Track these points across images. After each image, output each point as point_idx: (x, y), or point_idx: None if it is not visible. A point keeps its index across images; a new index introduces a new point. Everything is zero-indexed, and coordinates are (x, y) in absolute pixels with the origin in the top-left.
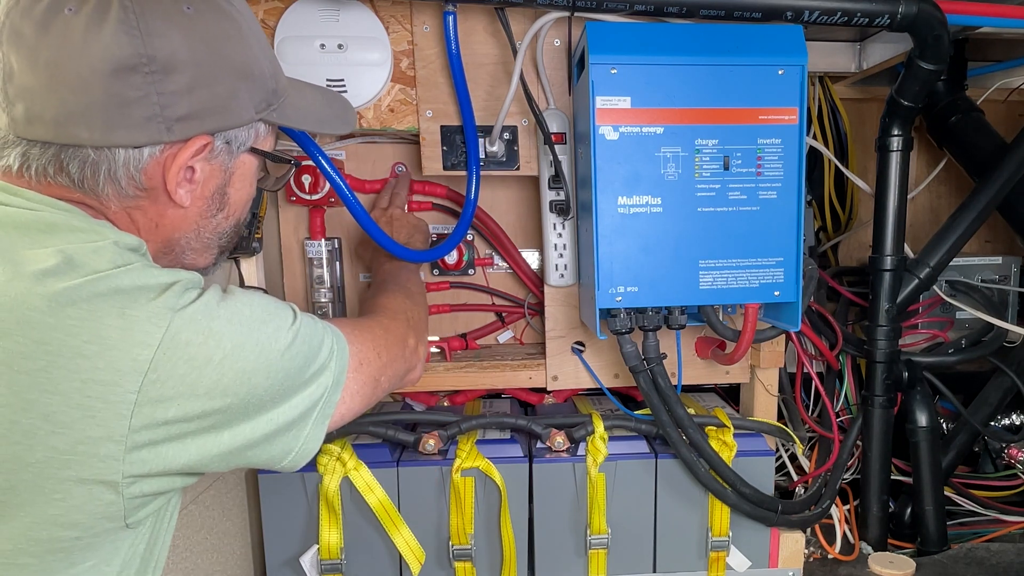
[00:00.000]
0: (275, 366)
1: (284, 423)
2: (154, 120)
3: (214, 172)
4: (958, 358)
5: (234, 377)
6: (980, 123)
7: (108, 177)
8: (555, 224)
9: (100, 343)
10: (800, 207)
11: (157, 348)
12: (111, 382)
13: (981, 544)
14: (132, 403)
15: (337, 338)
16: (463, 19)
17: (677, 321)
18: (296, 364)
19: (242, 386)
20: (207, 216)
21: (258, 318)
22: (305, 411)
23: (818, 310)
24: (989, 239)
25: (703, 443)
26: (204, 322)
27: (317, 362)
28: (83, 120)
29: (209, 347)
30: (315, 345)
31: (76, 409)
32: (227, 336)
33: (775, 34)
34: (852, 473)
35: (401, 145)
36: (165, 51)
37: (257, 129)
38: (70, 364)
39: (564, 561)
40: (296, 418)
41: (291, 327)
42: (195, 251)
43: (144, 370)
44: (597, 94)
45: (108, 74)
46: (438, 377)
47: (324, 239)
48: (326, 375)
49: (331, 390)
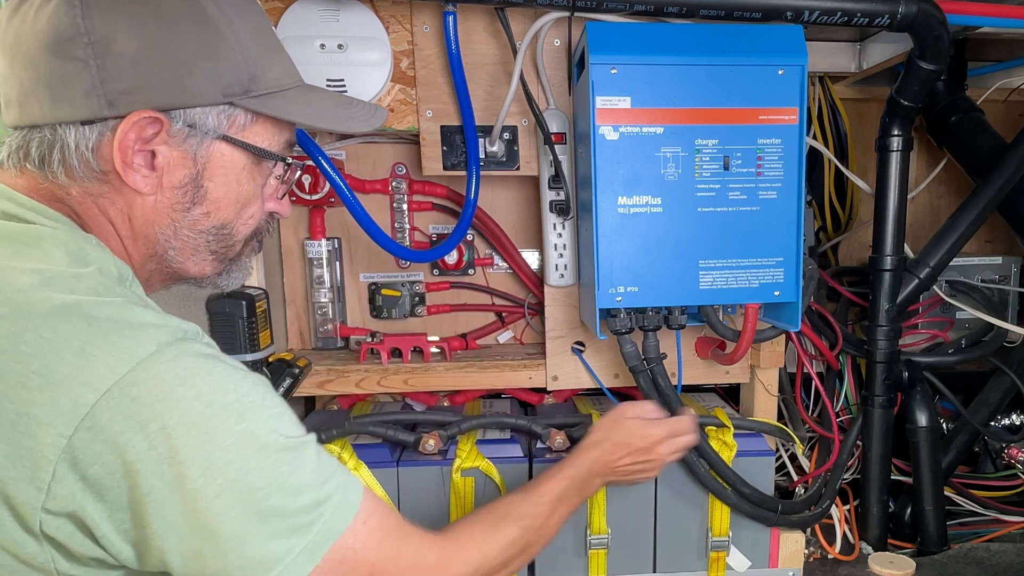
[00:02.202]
0: (217, 469)
1: (220, 564)
2: (93, 93)
3: (181, 159)
4: (958, 358)
5: (162, 454)
6: (980, 123)
7: (62, 159)
8: (555, 224)
9: (46, 376)
10: (800, 207)
11: (103, 395)
12: (46, 421)
13: (981, 544)
14: (61, 448)
15: (343, 503)
16: (463, 19)
17: (677, 321)
18: (255, 484)
19: (170, 469)
20: (179, 209)
21: (234, 408)
22: (256, 565)
23: (818, 310)
24: (989, 239)
25: (703, 443)
26: (167, 384)
27: (293, 506)
28: (35, 97)
29: (155, 411)
30: (302, 484)
31: (5, 444)
32: (181, 408)
33: (775, 34)
34: (852, 473)
35: (401, 145)
36: (106, 24)
37: (232, 115)
38: (10, 393)
39: (564, 561)
40: (237, 566)
41: (275, 440)
42: (178, 251)
43: (83, 415)
44: (597, 94)
45: (49, 47)
46: (438, 377)
47: (324, 239)
48: (298, 537)
49: (299, 558)
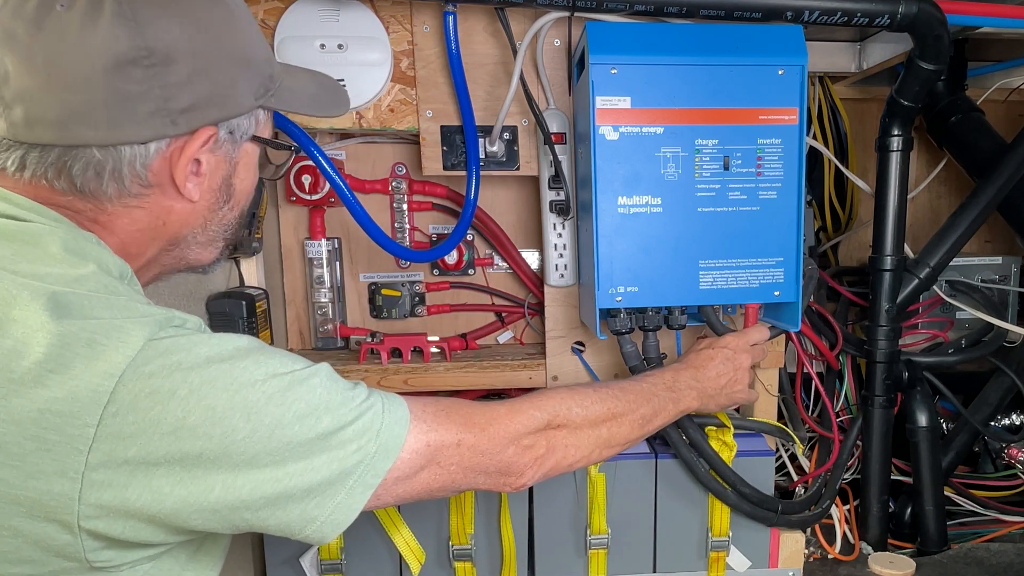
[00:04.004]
0: (258, 409)
1: (299, 487)
2: (158, 114)
3: (220, 163)
4: (958, 358)
5: (202, 415)
6: (980, 123)
7: (112, 176)
8: (555, 224)
9: (63, 372)
10: (800, 207)
11: (119, 379)
12: (69, 413)
13: (981, 544)
14: (90, 437)
15: (389, 402)
16: (463, 19)
17: (677, 321)
18: (295, 413)
19: (215, 427)
20: (215, 209)
21: (248, 357)
22: (332, 477)
23: (818, 310)
24: (989, 239)
25: (703, 443)
26: (175, 355)
27: (343, 417)
28: (87, 119)
29: (175, 380)
30: (338, 399)
31: (31, 441)
32: (198, 371)
33: (775, 34)
34: (852, 473)
35: (401, 145)
36: (163, 41)
37: (257, 116)
38: (29, 392)
39: (564, 561)
40: (319, 484)
41: (292, 372)
42: (200, 245)
43: (104, 402)
44: (597, 94)
45: (108, 70)
46: (438, 377)
47: (324, 239)
48: (366, 438)
49: (375, 458)
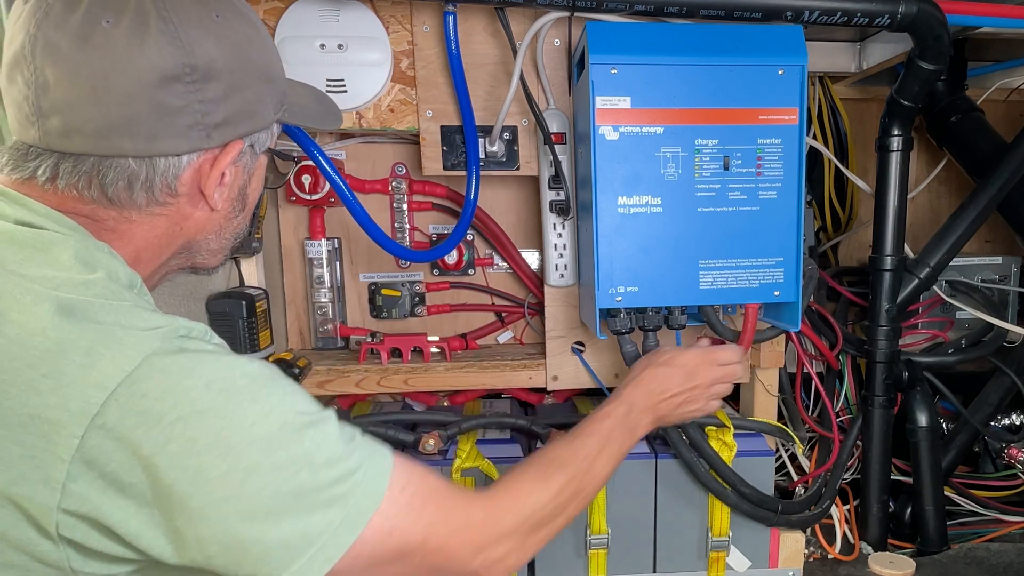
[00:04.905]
0: (237, 451)
1: (258, 542)
2: (196, 128)
3: (239, 174)
4: (958, 358)
5: (182, 445)
6: (980, 123)
7: (144, 186)
8: (555, 224)
9: (56, 379)
10: (800, 207)
11: (111, 393)
12: (57, 422)
13: (981, 544)
14: (74, 448)
15: (374, 469)
16: (463, 19)
17: (677, 321)
18: (272, 462)
19: (190, 459)
20: (230, 217)
21: (246, 391)
22: (298, 540)
23: (818, 310)
24: (989, 239)
25: (703, 443)
26: (175, 376)
27: (325, 479)
28: (127, 131)
29: (165, 404)
30: (324, 457)
31: (17, 446)
32: (192, 397)
33: (775, 34)
34: (852, 473)
35: (401, 145)
36: (204, 59)
37: (272, 129)
38: (22, 396)
39: (564, 561)
40: (277, 546)
41: (286, 419)
42: (211, 252)
43: (92, 414)
44: (597, 94)
45: (154, 85)
46: (438, 377)
47: (324, 239)
48: (336, 509)
49: (341, 529)
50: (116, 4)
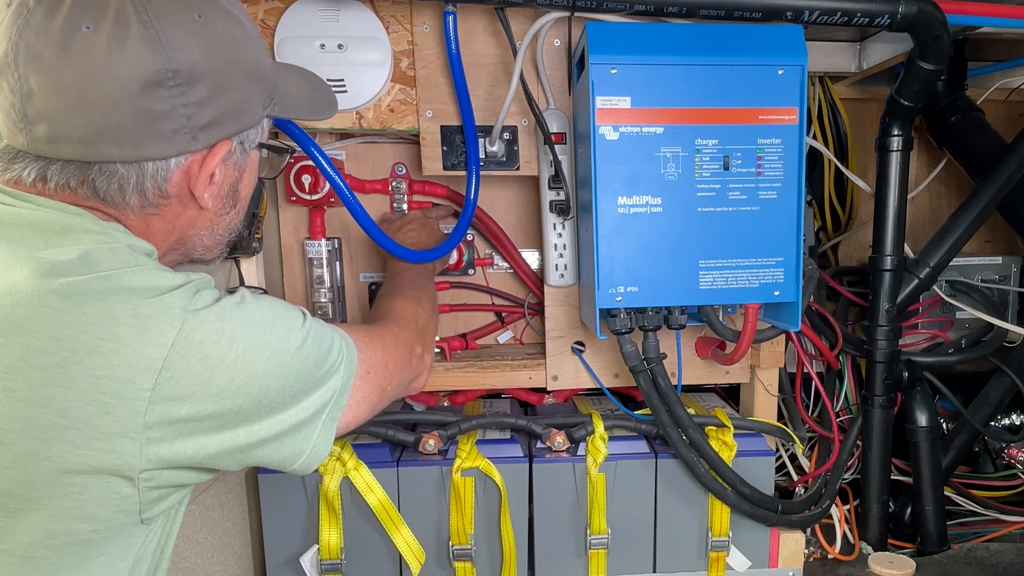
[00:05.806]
0: (286, 368)
1: (294, 424)
2: (181, 131)
3: (229, 172)
4: (958, 358)
5: (246, 378)
6: (980, 123)
7: (136, 189)
8: (555, 224)
9: (115, 340)
10: (800, 207)
11: (171, 347)
12: (126, 379)
13: (981, 544)
14: (146, 400)
15: (346, 342)
16: (463, 19)
17: (677, 321)
18: (307, 366)
19: (254, 387)
20: (222, 214)
21: (269, 321)
22: (314, 413)
23: (818, 310)
24: (989, 239)
25: (703, 443)
26: (217, 323)
27: (326, 364)
28: (113, 138)
29: (222, 347)
30: (325, 348)
31: (91, 405)
32: (240, 338)
33: (775, 34)
34: (852, 473)
35: (401, 145)
36: (187, 62)
37: (262, 125)
38: (85, 360)
39: (564, 561)
40: (306, 420)
41: (301, 329)
42: (206, 247)
43: (158, 368)
44: (597, 94)
45: (137, 92)
46: (438, 377)
47: (324, 239)
48: (335, 378)
49: (339, 393)
50: (96, 9)
